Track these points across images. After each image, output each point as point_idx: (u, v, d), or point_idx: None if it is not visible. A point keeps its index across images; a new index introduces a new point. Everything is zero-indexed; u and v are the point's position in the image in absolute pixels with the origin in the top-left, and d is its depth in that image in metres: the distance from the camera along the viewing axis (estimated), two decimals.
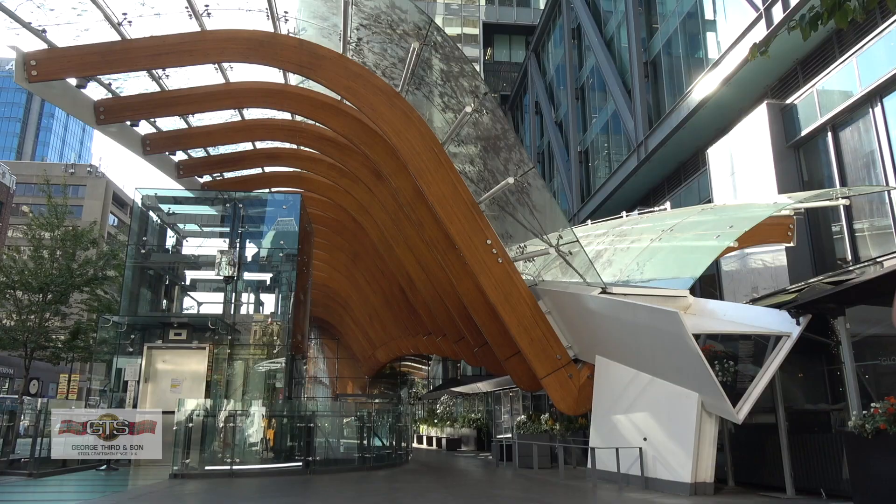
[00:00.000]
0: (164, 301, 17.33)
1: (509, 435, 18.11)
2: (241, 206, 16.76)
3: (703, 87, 17.36)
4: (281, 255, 16.96)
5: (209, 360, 14.63)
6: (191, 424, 11.55)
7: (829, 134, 13.54)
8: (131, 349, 14.75)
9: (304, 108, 13.96)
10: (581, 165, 29.71)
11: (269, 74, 13.56)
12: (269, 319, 17.02)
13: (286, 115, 15.64)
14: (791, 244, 13.26)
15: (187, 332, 14.81)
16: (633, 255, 13.58)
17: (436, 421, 29.27)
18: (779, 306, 9.23)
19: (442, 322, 18.57)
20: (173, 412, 11.31)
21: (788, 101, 14.65)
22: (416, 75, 12.11)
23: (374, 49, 12.97)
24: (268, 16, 11.74)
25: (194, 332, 14.90)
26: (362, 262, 23.54)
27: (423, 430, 30.61)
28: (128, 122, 13.84)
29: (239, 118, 15.48)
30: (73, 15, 10.79)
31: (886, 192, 11.91)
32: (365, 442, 14.16)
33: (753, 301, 11.90)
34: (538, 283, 13.00)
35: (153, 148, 15.09)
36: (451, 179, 12.01)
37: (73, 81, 11.76)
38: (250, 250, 17.44)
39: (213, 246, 17.37)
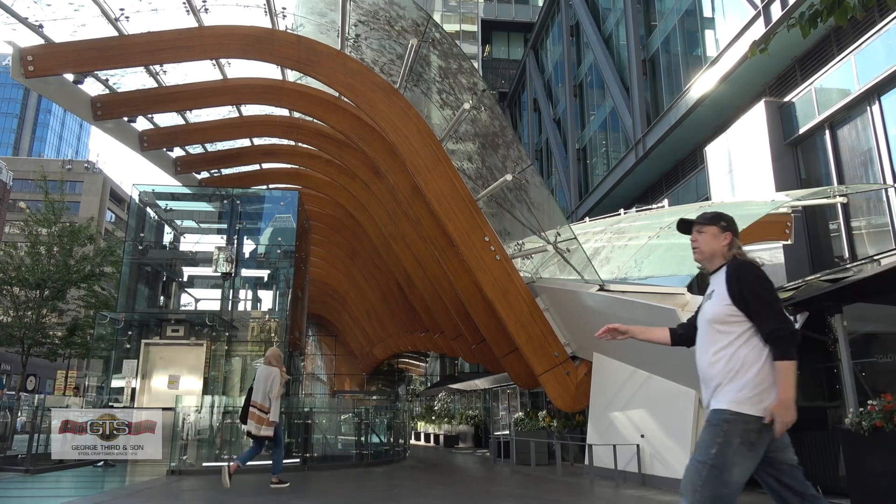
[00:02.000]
0: (162, 297, 17.31)
1: (507, 432, 18.13)
2: (238, 202, 16.73)
3: (702, 84, 17.37)
4: (278, 251, 16.94)
5: (206, 356, 14.62)
6: (188, 421, 11.56)
7: (827, 132, 13.56)
8: (128, 345, 14.74)
9: (301, 105, 13.93)
10: (579, 163, 29.73)
11: (267, 71, 13.52)
12: (267, 316, 17.01)
13: (284, 112, 15.60)
14: (788, 242, 13.29)
15: (185, 329, 14.80)
16: (630, 252, 13.59)
17: (433, 418, 29.31)
18: None
19: (439, 319, 18.57)
20: (171, 408, 11.32)
21: (786, 98, 14.66)
22: (414, 72, 12.09)
23: (372, 45, 12.94)
24: (265, 12, 11.71)
25: (192, 329, 14.89)
26: (360, 259, 23.52)
27: (421, 426, 30.66)
28: (125, 118, 13.79)
29: (237, 114, 15.45)
30: (70, 10, 10.74)
31: (884, 190, 11.93)
32: (362, 438, 14.17)
33: None
34: (536, 280, 13.01)
35: (150, 144, 15.05)
36: (449, 176, 12.00)
37: (69, 77, 11.71)
38: (248, 247, 17.42)
39: (210, 242, 17.36)
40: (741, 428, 2.73)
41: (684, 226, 3.24)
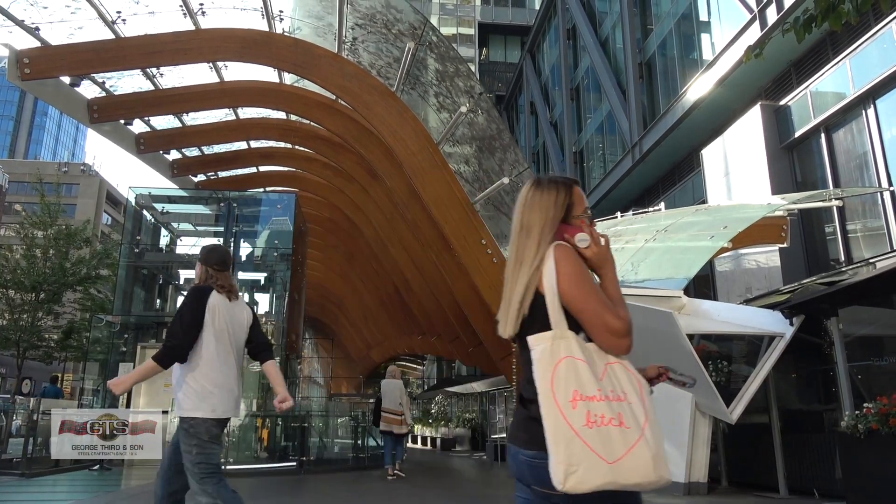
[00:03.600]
0: (158, 300, 17.25)
1: (504, 435, 18.12)
2: (235, 205, 16.68)
3: (698, 88, 17.43)
4: (275, 254, 16.89)
5: None
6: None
7: (823, 135, 13.62)
8: (125, 348, 14.68)
9: (298, 108, 13.93)
10: (576, 166, 29.78)
11: (264, 73, 13.52)
12: (264, 319, 16.97)
13: (281, 115, 15.60)
14: (785, 245, 13.32)
15: None
16: (627, 255, 13.60)
17: (430, 421, 29.28)
18: (772, 307, 9.26)
19: (436, 322, 18.57)
20: (167, 411, 11.28)
21: (782, 102, 14.72)
22: (411, 75, 12.11)
23: (370, 49, 12.95)
24: (263, 15, 11.70)
25: None
26: (357, 262, 23.50)
27: (418, 429, 30.61)
28: (121, 121, 13.76)
29: (233, 117, 15.43)
30: (67, 13, 10.73)
31: (879, 194, 11.98)
32: (359, 442, 14.14)
33: (747, 301, 11.95)
34: None
35: (147, 147, 15.02)
36: (446, 179, 12.01)
37: (66, 79, 11.67)
38: (244, 250, 17.37)
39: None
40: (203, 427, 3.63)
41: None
